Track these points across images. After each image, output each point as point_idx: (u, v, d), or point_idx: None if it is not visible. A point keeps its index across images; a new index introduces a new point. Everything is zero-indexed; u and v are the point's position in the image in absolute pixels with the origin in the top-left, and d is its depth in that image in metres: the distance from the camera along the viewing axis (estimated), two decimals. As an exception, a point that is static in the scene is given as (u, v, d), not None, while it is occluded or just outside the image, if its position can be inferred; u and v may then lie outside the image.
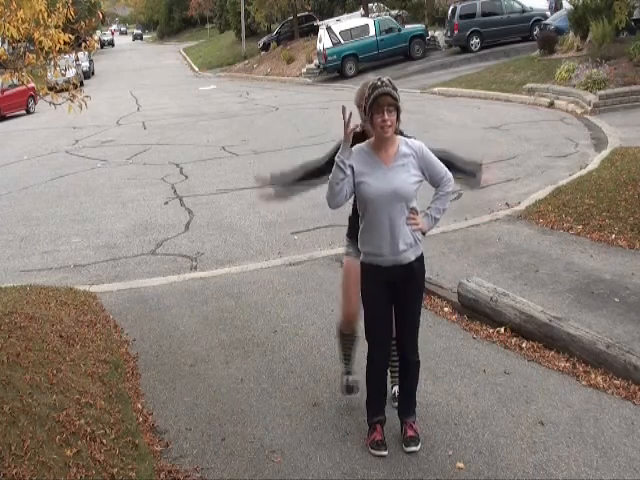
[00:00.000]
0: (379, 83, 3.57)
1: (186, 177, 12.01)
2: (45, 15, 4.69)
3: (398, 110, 3.59)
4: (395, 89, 3.58)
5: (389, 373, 4.18)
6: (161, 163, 13.45)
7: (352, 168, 3.63)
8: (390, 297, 3.81)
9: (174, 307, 6.28)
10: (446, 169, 3.76)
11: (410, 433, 3.91)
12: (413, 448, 3.87)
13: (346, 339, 4.36)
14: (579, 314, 5.42)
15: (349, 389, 4.37)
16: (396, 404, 4.13)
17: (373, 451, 3.86)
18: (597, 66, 15.60)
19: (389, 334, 3.89)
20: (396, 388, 4.25)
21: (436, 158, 3.75)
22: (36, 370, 4.41)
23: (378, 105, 3.54)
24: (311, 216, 8.77)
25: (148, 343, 5.52)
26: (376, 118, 3.58)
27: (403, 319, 3.87)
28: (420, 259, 3.79)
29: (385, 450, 3.85)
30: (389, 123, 3.56)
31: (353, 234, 4.02)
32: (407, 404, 3.99)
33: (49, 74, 5.29)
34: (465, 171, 4.23)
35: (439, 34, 28.91)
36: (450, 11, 26.88)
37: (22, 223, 9.90)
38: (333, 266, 7.06)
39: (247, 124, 17.75)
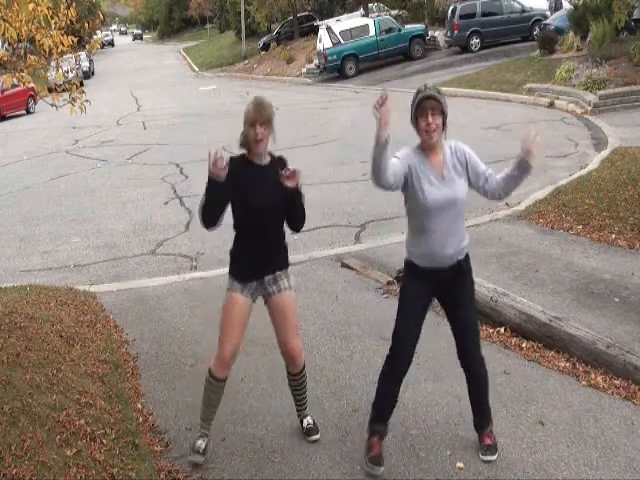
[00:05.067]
0: (423, 88, 3.52)
1: (186, 177, 12.02)
2: (48, 17, 4.69)
3: (444, 114, 3.51)
4: (440, 94, 3.51)
5: (294, 404, 4.07)
6: (161, 163, 13.45)
7: (408, 166, 3.54)
8: (427, 304, 3.73)
9: (174, 307, 6.28)
10: (490, 171, 3.66)
11: (487, 442, 3.81)
12: (490, 457, 3.75)
13: (215, 385, 3.88)
14: (579, 314, 5.42)
15: (196, 452, 3.87)
16: (312, 437, 4.00)
17: (368, 469, 3.70)
18: (597, 66, 15.60)
19: (414, 342, 3.72)
20: (306, 419, 4.07)
21: (476, 157, 3.65)
22: (36, 370, 4.41)
23: (422, 109, 3.46)
24: (311, 216, 8.74)
25: (148, 343, 5.52)
26: (420, 122, 3.49)
27: (461, 324, 3.73)
28: (467, 258, 3.74)
29: (381, 467, 3.69)
30: (433, 127, 3.47)
31: (234, 269, 3.80)
32: (481, 417, 3.87)
33: (50, 75, 5.29)
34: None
35: (439, 34, 28.90)
36: (450, 11, 26.88)
37: (22, 223, 9.91)
38: (333, 266, 7.07)
39: (247, 124, 17.71)
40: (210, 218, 3.72)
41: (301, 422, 4.10)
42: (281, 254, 3.88)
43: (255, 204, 3.68)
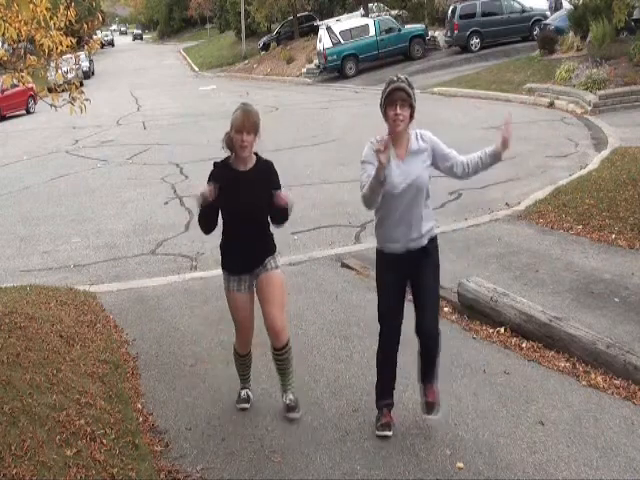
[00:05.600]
0: (395, 79, 3.69)
1: (186, 177, 12.02)
2: (47, 17, 4.69)
3: (412, 107, 3.69)
4: (410, 86, 3.68)
5: (280, 383, 4.31)
6: (161, 163, 13.45)
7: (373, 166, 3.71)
8: (403, 286, 3.92)
9: (174, 307, 6.28)
10: (455, 153, 3.83)
11: (430, 398, 3.99)
12: (431, 416, 3.97)
13: (243, 359, 4.41)
14: (579, 314, 5.42)
15: (243, 401, 4.45)
16: (290, 414, 4.21)
17: (378, 432, 3.97)
18: (597, 66, 15.61)
19: (399, 322, 3.94)
20: (287, 395, 4.25)
21: (443, 144, 3.83)
22: (36, 370, 4.41)
23: (391, 99, 3.65)
24: (311, 216, 8.78)
25: (148, 343, 5.52)
26: (389, 111, 3.67)
27: (422, 296, 3.92)
28: (433, 239, 3.90)
29: (390, 431, 3.95)
30: (401, 117, 3.65)
31: (226, 263, 4.10)
32: (429, 371, 4.06)
33: (50, 75, 5.29)
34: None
35: (439, 34, 28.91)
36: (450, 11, 26.88)
37: (22, 223, 9.90)
38: (333, 266, 7.07)
39: (247, 124, 17.71)
40: (208, 227, 4.06)
41: (283, 399, 4.27)
42: (268, 244, 4.13)
43: (237, 210, 3.88)
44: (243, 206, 3.89)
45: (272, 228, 4.10)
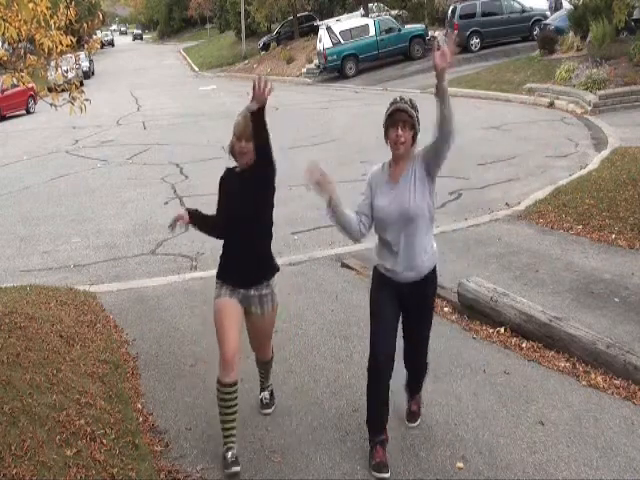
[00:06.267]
0: (398, 99, 3.58)
1: (186, 177, 12.02)
2: (47, 17, 4.69)
3: (415, 130, 3.54)
4: (414, 109, 3.54)
5: (260, 381, 4.41)
6: (161, 163, 13.45)
7: (370, 189, 3.71)
8: (398, 309, 3.73)
9: (174, 307, 6.28)
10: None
11: (414, 407, 4.13)
12: (413, 424, 4.10)
13: (227, 392, 3.76)
14: (579, 314, 5.42)
15: (233, 464, 3.76)
16: (265, 411, 4.35)
17: (375, 473, 3.68)
18: (597, 66, 15.61)
19: (393, 347, 3.69)
20: (264, 394, 4.40)
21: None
22: (36, 370, 4.41)
23: (393, 120, 3.52)
24: (311, 216, 8.77)
25: (148, 343, 5.52)
26: (390, 133, 3.55)
27: (414, 337, 3.85)
28: (434, 269, 3.74)
29: (387, 472, 3.67)
30: (402, 139, 3.50)
31: (221, 274, 3.91)
32: (415, 387, 4.15)
33: (50, 75, 5.29)
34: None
35: (439, 34, 28.91)
36: (450, 11, 26.90)
37: (22, 223, 9.90)
38: (333, 266, 7.07)
39: (247, 124, 17.71)
40: (210, 234, 4.13)
41: (261, 397, 4.41)
42: (267, 263, 3.98)
43: (236, 213, 3.75)
44: (241, 209, 3.72)
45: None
